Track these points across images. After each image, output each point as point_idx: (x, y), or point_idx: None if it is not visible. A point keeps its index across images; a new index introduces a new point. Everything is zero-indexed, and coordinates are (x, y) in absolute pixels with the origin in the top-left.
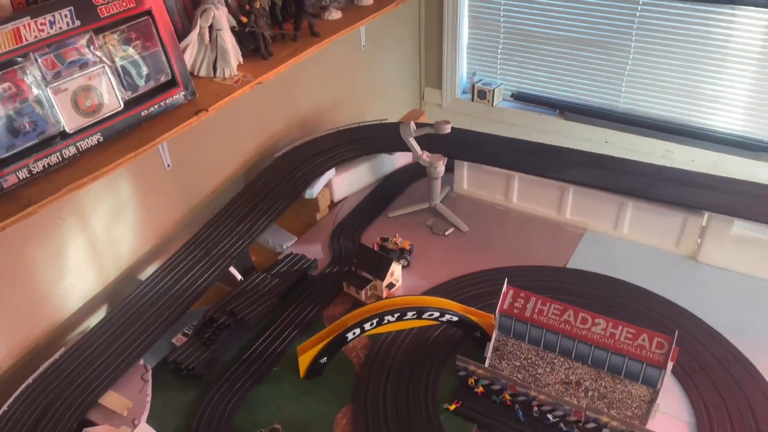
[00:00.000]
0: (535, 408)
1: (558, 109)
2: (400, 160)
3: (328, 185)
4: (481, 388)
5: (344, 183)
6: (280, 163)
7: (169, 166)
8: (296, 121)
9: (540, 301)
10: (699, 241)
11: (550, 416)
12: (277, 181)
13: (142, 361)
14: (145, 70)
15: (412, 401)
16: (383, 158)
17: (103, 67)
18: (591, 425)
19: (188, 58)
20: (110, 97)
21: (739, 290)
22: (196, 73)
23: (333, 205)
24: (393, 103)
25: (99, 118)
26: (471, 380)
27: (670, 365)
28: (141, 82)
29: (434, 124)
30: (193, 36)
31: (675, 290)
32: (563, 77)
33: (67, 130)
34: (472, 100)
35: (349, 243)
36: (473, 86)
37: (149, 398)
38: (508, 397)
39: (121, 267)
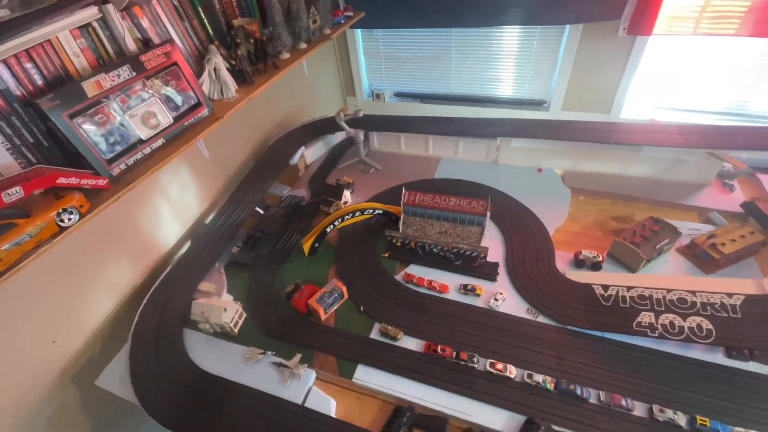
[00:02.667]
0: (427, 248)
1: (419, 98)
2: (339, 137)
3: (302, 155)
4: (399, 243)
5: (312, 153)
6: (273, 147)
7: (208, 157)
8: (277, 122)
9: (421, 194)
10: (497, 153)
11: (435, 250)
12: (273, 158)
13: (217, 264)
14: (181, 98)
15: (365, 255)
16: (330, 137)
17: (155, 98)
18: (454, 250)
19: (205, 88)
20: (163, 116)
21: (519, 174)
22: (211, 98)
23: (307, 166)
24: (330, 106)
25: (160, 130)
26: (394, 240)
27: (488, 214)
28: (180, 105)
29: (354, 112)
30: (205, 75)
31: (488, 179)
32: (419, 79)
33: (143, 138)
34: (373, 100)
35: (319, 185)
36: (372, 91)
37: (225, 282)
38: (413, 245)
39: (193, 217)
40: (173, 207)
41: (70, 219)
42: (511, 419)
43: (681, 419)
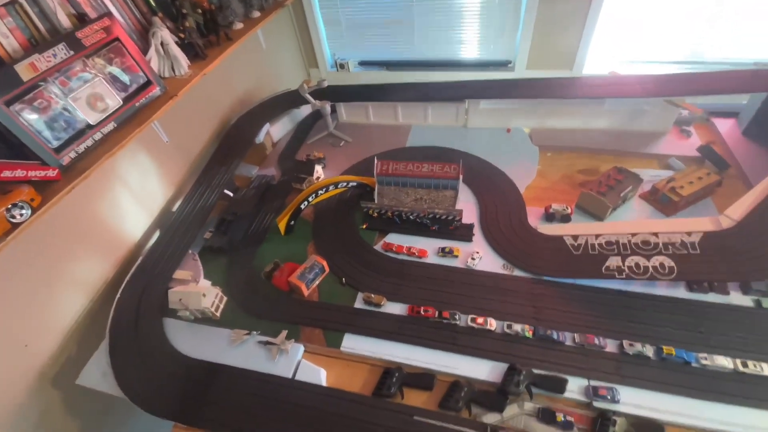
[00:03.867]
0: (404, 216)
1: (385, 65)
2: (305, 111)
3: (268, 133)
4: (376, 214)
5: (278, 130)
6: (236, 126)
7: (167, 140)
8: (238, 100)
9: (393, 163)
10: (466, 116)
11: (411, 217)
12: (236, 137)
13: (190, 251)
14: (128, 77)
15: (342, 229)
16: (296, 112)
17: (99, 78)
18: (430, 216)
19: (154, 65)
20: (111, 98)
21: (489, 136)
22: (163, 75)
23: (274, 144)
24: (292, 80)
25: (109, 113)
26: (370, 211)
27: (461, 177)
28: (128, 85)
29: (318, 82)
30: (152, 51)
31: (459, 143)
32: (383, 46)
33: (91, 123)
34: (337, 70)
35: (289, 162)
36: (336, 62)
37: (201, 268)
38: (390, 214)
39: (159, 206)
40: (136, 196)
41: (21, 215)
42: (494, 368)
43: (649, 351)
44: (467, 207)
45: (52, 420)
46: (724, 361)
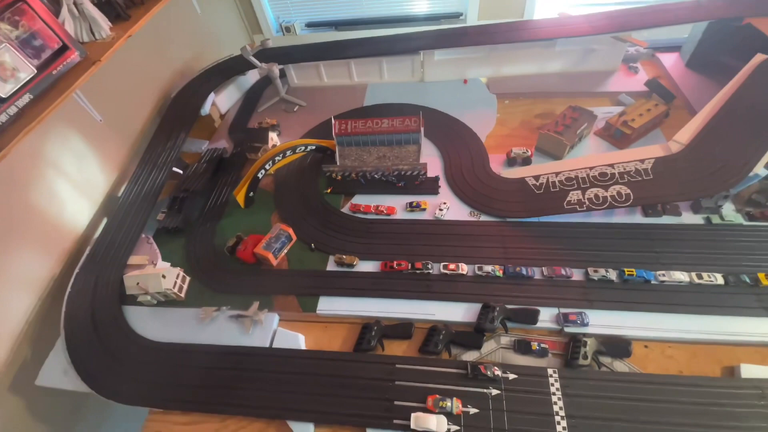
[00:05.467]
0: (368, 176)
1: (333, 25)
2: (253, 78)
3: (214, 104)
4: (339, 177)
5: (225, 100)
6: (177, 99)
7: (101, 119)
8: (176, 71)
9: (352, 121)
10: (422, 70)
11: (376, 176)
12: (179, 111)
13: (144, 235)
14: (39, 42)
15: (306, 196)
16: (242, 80)
17: (6, 45)
18: (396, 173)
19: (70, 29)
20: (21, 65)
21: (447, 88)
22: (81, 40)
23: (223, 115)
24: (234, 48)
25: (22, 83)
26: (333, 175)
27: (422, 130)
28: (41, 51)
29: (261, 42)
30: (65, 12)
31: (417, 98)
32: (330, 4)
33: (3, 96)
34: (284, 34)
35: (241, 133)
36: (281, 25)
37: (157, 251)
38: (354, 176)
39: (102, 192)
40: (74, 183)
41: None
42: (469, 309)
43: (612, 274)
44: (431, 161)
45: (19, 428)
46: (681, 276)
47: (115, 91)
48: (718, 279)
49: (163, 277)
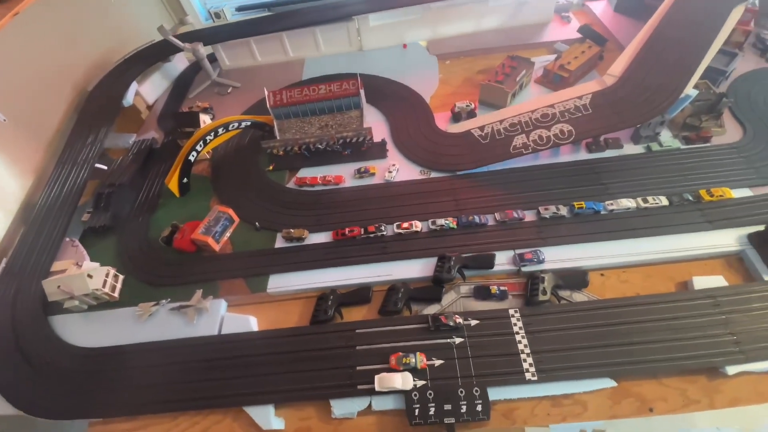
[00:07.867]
0: (312, 147)
1: (266, 7)
2: (181, 64)
3: (138, 94)
4: (281, 152)
5: (150, 89)
6: (95, 93)
7: (4, 119)
8: (92, 64)
9: (286, 91)
10: (359, 37)
11: (320, 147)
12: (99, 105)
13: (68, 239)
14: None
15: (247, 176)
16: (169, 68)
17: None
18: (341, 141)
19: None
20: None
21: (387, 55)
22: None
23: (150, 106)
24: (157, 35)
25: None
26: (274, 151)
27: (362, 92)
28: None
29: (179, 20)
30: None
31: (358, 67)
32: None
33: None
34: (213, 21)
35: (170, 120)
36: (209, 11)
37: (84, 253)
38: (297, 149)
39: (17, 199)
40: None
41: None
42: (426, 264)
43: (563, 210)
44: (377, 126)
45: None
46: (628, 203)
47: (20, 87)
48: (663, 201)
49: (90, 276)
